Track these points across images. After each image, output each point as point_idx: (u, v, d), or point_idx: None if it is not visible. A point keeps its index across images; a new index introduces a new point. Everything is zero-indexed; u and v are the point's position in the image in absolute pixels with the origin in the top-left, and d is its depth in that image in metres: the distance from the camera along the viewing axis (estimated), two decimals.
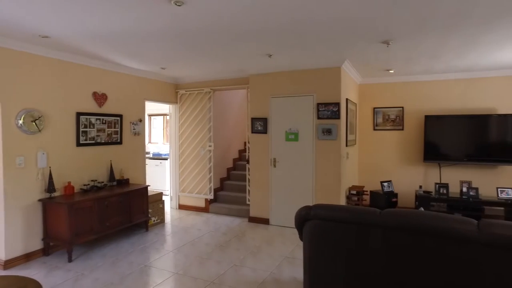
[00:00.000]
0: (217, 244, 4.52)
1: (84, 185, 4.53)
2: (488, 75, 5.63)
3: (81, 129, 4.52)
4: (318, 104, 5.02)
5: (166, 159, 7.64)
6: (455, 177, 5.78)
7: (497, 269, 1.81)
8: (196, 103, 6.30)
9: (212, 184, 6.23)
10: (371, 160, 6.41)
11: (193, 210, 6.36)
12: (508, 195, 5.16)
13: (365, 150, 6.46)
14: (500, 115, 5.44)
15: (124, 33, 3.48)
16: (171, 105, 6.54)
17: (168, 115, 6.95)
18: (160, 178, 7.79)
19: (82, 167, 4.56)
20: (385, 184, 5.77)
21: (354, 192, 5.33)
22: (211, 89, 6.12)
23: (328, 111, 4.94)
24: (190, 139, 6.38)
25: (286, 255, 4.11)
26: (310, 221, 2.52)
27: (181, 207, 6.51)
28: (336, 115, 4.91)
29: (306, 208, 2.54)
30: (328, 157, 4.98)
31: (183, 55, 4.50)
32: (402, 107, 6.16)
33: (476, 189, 5.28)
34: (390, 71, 5.63)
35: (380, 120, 6.32)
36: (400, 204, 6.03)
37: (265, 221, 5.46)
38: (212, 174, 6.22)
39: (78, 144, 4.49)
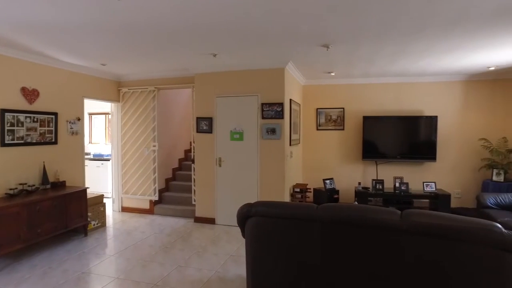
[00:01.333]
0: (161, 245, 4.41)
1: (11, 189, 4.14)
2: (416, 80, 6.17)
3: (6, 128, 4.14)
4: (262, 104, 5.12)
5: (108, 160, 7.28)
6: (390, 174, 6.23)
7: (416, 252, 2.00)
8: (139, 101, 6.09)
9: (157, 185, 6.06)
10: (314, 159, 6.68)
11: (137, 212, 6.14)
12: (431, 188, 5.69)
13: (308, 149, 6.72)
14: (426, 117, 5.99)
15: (54, 24, 3.26)
16: (113, 104, 6.24)
17: (110, 114, 6.63)
18: (101, 180, 7.40)
19: (8, 170, 4.18)
20: (327, 181, 6.05)
21: (298, 189, 5.52)
22: (155, 87, 5.96)
23: (272, 111, 5.07)
24: (134, 139, 6.15)
25: (232, 253, 4.14)
26: (251, 218, 2.57)
27: (124, 209, 6.25)
28: (280, 115, 5.05)
29: (248, 206, 2.58)
30: (273, 156, 5.10)
31: (124, 52, 4.33)
32: (343, 108, 6.50)
33: (407, 184, 5.75)
34: (332, 74, 5.92)
35: (322, 120, 6.61)
36: (341, 200, 6.36)
37: (211, 221, 5.44)
38: (156, 174, 6.05)
39: (3, 144, 4.11)
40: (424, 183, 5.77)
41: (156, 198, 6.07)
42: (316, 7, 2.85)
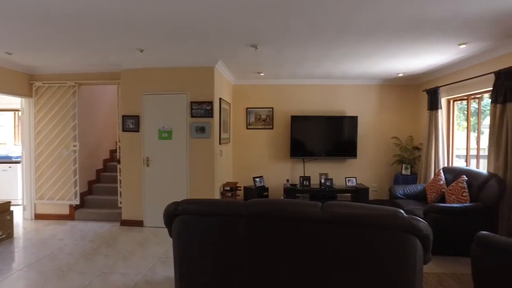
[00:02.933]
0: (83, 253, 4.10)
1: None
2: (339, 83, 6.62)
3: None
4: (191, 103, 5.05)
5: (18, 162, 6.52)
6: (316, 170, 6.58)
7: (335, 241, 2.15)
8: (57, 97, 5.56)
9: (78, 188, 5.60)
10: (244, 157, 6.78)
11: (54, 219, 5.60)
12: (353, 183, 6.17)
13: (239, 148, 6.80)
14: (348, 117, 6.47)
15: None
16: (23, 99, 5.61)
17: (20, 110, 5.95)
18: (9, 185, 6.60)
19: None
20: (257, 179, 6.19)
21: (228, 188, 5.56)
22: (76, 82, 5.50)
23: (202, 109, 5.03)
24: (50, 139, 5.59)
25: (160, 255, 4.01)
26: (178, 217, 2.51)
27: (39, 217, 5.66)
28: (209, 114, 5.03)
29: (174, 204, 2.53)
30: (202, 155, 5.06)
31: (36, 41, 3.93)
32: (272, 108, 6.71)
33: (331, 180, 6.14)
34: (261, 74, 6.07)
35: (252, 119, 6.75)
36: (271, 197, 6.55)
37: (139, 223, 5.21)
38: (77, 177, 5.59)
39: None
40: (346, 179, 6.22)
41: (77, 202, 5.61)
42: (245, 9, 2.90)
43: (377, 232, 2.08)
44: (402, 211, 2.06)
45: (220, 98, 5.40)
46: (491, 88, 4.16)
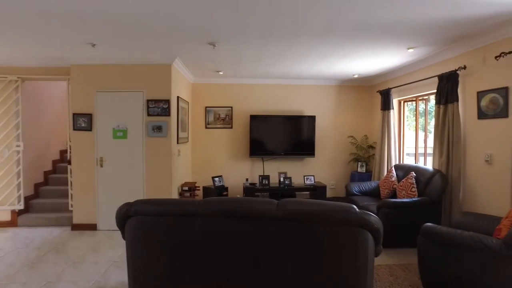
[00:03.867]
0: (26, 262, 3.80)
1: None
2: (298, 82, 6.74)
3: None
4: (148, 101, 4.89)
5: None
6: (275, 169, 6.65)
7: (291, 237, 2.17)
8: None
9: (22, 191, 5.20)
10: (204, 157, 6.69)
11: None
12: (311, 181, 6.31)
13: (198, 147, 6.70)
14: (306, 117, 6.61)
15: None
16: None
17: None
18: None
19: None
20: (216, 179, 6.14)
21: (187, 188, 5.45)
22: (18, 77, 5.11)
23: (159, 108, 4.89)
24: None
25: (115, 259, 3.84)
26: (131, 218, 2.41)
27: None
28: (166, 112, 4.90)
29: (127, 205, 2.42)
30: (159, 155, 4.92)
31: None
32: (231, 107, 6.68)
33: (290, 178, 6.23)
34: (220, 73, 6.02)
35: (211, 118, 6.67)
36: (230, 196, 6.52)
37: (92, 227, 4.95)
38: (21, 179, 5.19)
39: None
40: (305, 177, 6.35)
41: (21, 207, 5.21)
42: (200, 4, 2.85)
43: (331, 227, 2.13)
44: (354, 206, 2.12)
45: (178, 97, 5.28)
46: (435, 91, 4.44)
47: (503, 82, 3.49)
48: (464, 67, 4.02)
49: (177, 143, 5.26)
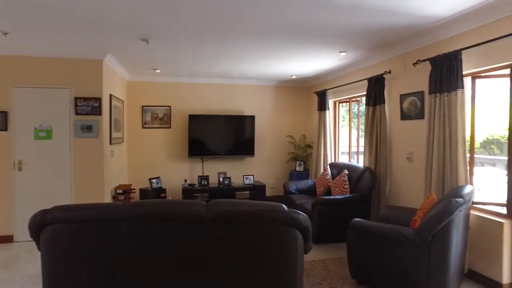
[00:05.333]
0: None
1: None
2: (238, 82, 6.74)
3: None
4: (76, 98, 4.54)
5: None
6: (215, 169, 6.58)
7: (221, 238, 2.14)
8: None
9: None
10: (140, 158, 6.40)
11: None
12: (250, 180, 6.35)
13: (134, 148, 6.39)
14: (246, 116, 6.64)
15: None
16: None
17: None
18: None
19: None
20: (154, 180, 5.90)
21: (121, 191, 5.16)
22: None
23: (88, 106, 4.56)
24: None
25: (33, 274, 3.48)
26: (47, 226, 2.20)
27: None
28: (97, 111, 4.58)
29: (42, 212, 2.20)
30: (89, 156, 4.59)
31: None
32: (170, 106, 6.47)
33: (229, 178, 6.21)
34: (157, 71, 5.80)
35: (148, 118, 6.41)
36: (169, 198, 6.32)
37: (7, 239, 4.44)
38: None
39: None
40: (244, 177, 6.37)
41: None
42: None
43: (261, 227, 2.13)
44: (283, 205, 2.15)
45: (110, 95, 4.97)
46: (365, 93, 4.71)
47: (420, 87, 3.82)
48: (389, 72, 4.32)
49: (110, 143, 4.95)
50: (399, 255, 2.72)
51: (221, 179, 6.20)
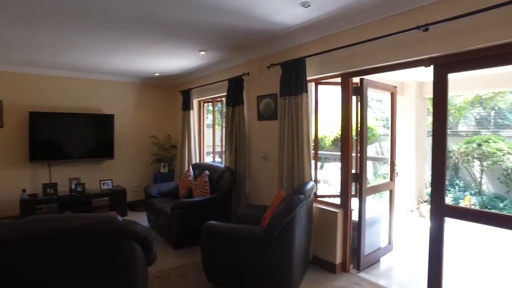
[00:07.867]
0: None
1: None
2: (95, 77, 6.01)
3: None
4: None
5: None
6: (67, 175, 5.69)
7: (37, 261, 1.75)
8: None
9: None
10: None
11: None
12: (108, 186, 5.73)
13: None
14: (104, 115, 5.97)
15: None
16: None
17: None
18: None
19: None
20: None
21: None
22: None
23: None
24: None
25: None
26: None
27: None
28: None
29: None
30: None
31: None
32: (1, 101, 5.30)
33: (83, 184, 5.48)
34: None
35: None
36: (0, 214, 5.17)
37: None
38: None
39: None
40: (101, 182, 5.71)
41: None
42: None
43: (90, 243, 1.84)
44: (118, 216, 1.91)
45: None
46: (226, 93, 4.77)
47: (274, 89, 4.05)
48: (248, 74, 4.47)
49: None
50: (251, 253, 2.78)
51: (73, 186, 5.41)
